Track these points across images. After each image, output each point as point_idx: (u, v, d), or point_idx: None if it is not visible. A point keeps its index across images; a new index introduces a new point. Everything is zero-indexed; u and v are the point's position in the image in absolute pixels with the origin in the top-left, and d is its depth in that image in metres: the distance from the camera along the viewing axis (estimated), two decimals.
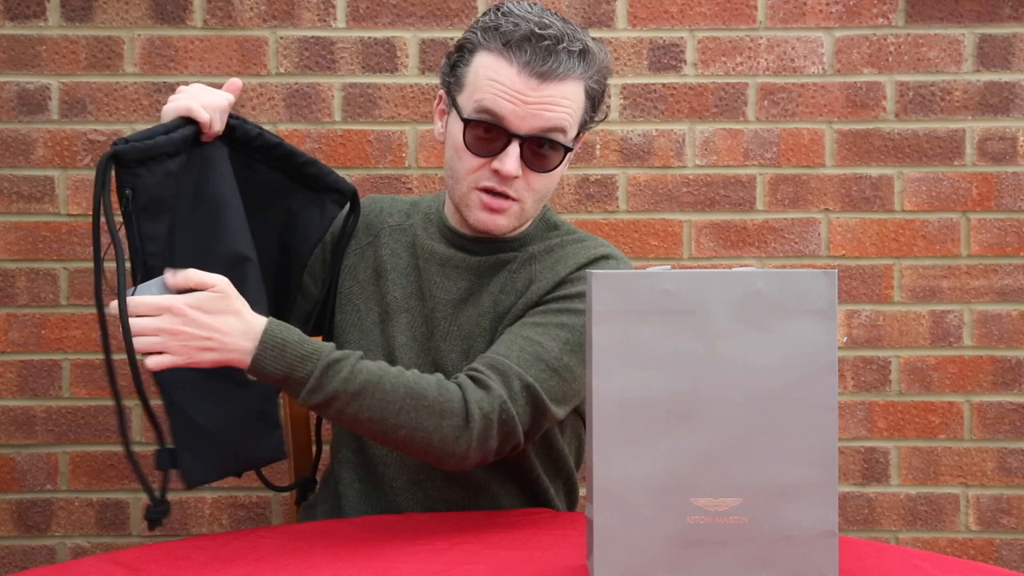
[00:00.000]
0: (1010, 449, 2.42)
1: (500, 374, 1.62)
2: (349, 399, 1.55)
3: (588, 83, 1.71)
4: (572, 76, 1.68)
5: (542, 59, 1.65)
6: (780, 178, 2.41)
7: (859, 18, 2.40)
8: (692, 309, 1.27)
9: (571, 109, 1.70)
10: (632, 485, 1.26)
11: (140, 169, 1.53)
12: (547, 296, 1.73)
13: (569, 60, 1.67)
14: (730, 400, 1.26)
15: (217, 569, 1.39)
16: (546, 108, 1.67)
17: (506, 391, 1.61)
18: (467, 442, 1.59)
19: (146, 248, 1.56)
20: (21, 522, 2.38)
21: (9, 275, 2.36)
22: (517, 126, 1.67)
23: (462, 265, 1.79)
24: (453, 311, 1.76)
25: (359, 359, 1.58)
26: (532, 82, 1.66)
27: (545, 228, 1.84)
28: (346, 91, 2.39)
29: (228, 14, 2.37)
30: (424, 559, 1.42)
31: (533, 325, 1.69)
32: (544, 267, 1.77)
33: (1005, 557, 2.42)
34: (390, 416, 1.57)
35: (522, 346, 1.66)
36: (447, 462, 1.61)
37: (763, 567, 1.26)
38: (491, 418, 1.60)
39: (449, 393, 1.59)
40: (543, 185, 1.73)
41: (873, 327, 2.42)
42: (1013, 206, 2.41)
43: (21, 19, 2.36)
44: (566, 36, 1.67)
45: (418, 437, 1.58)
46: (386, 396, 1.57)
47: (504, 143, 1.67)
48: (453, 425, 1.58)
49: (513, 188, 1.70)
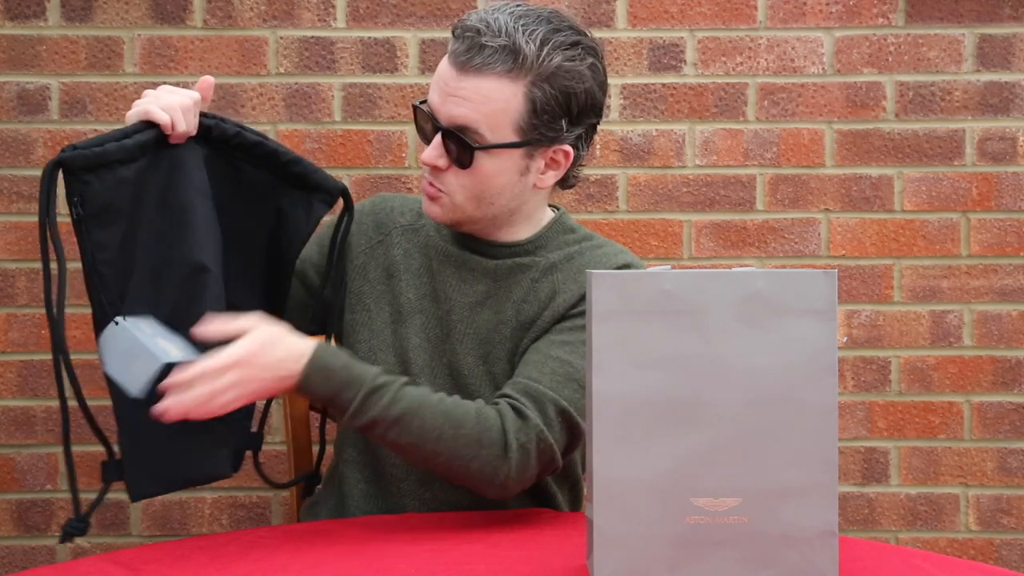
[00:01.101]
0: (1010, 449, 2.42)
1: (535, 401, 1.63)
2: (389, 425, 1.58)
3: (529, 88, 1.65)
4: (492, 72, 1.64)
5: (465, 49, 1.65)
6: (780, 178, 2.41)
7: (859, 18, 2.40)
8: (692, 309, 1.26)
9: (484, 108, 1.65)
10: (632, 485, 1.26)
11: (89, 176, 1.51)
12: (572, 311, 1.73)
13: (492, 55, 1.63)
14: (730, 400, 1.26)
15: (217, 569, 1.39)
16: (458, 102, 1.66)
17: (542, 419, 1.63)
18: (506, 472, 1.61)
19: (96, 257, 1.54)
20: (21, 522, 2.38)
21: (9, 275, 2.36)
22: (440, 115, 1.68)
23: (479, 268, 1.79)
24: (470, 314, 1.76)
25: (403, 385, 1.60)
26: (453, 71, 1.66)
27: (560, 232, 1.82)
28: (346, 91, 2.39)
29: (228, 14, 2.37)
30: (424, 559, 1.42)
31: (561, 344, 1.70)
32: (566, 277, 1.76)
33: (1005, 557, 2.42)
34: (429, 443, 1.59)
35: (553, 368, 1.67)
36: (487, 490, 1.64)
37: (763, 567, 1.26)
38: (528, 448, 1.61)
39: (488, 422, 1.61)
40: (469, 184, 1.70)
41: (873, 327, 2.42)
42: (1013, 206, 2.41)
43: (21, 19, 2.36)
44: (495, 31, 1.63)
45: (456, 465, 1.60)
46: (424, 423, 1.59)
47: (433, 132, 1.70)
48: (492, 455, 1.60)
49: (439, 180, 1.71)
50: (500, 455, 1.60)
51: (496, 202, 1.73)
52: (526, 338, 1.74)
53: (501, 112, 1.66)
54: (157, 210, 1.58)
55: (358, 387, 1.58)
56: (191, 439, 1.58)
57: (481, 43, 1.63)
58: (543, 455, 1.63)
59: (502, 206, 1.75)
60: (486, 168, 1.69)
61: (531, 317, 1.75)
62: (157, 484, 1.60)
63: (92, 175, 1.52)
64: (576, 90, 1.67)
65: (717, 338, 1.26)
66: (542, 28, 1.65)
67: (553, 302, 1.74)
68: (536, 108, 1.66)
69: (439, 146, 1.68)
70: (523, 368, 1.69)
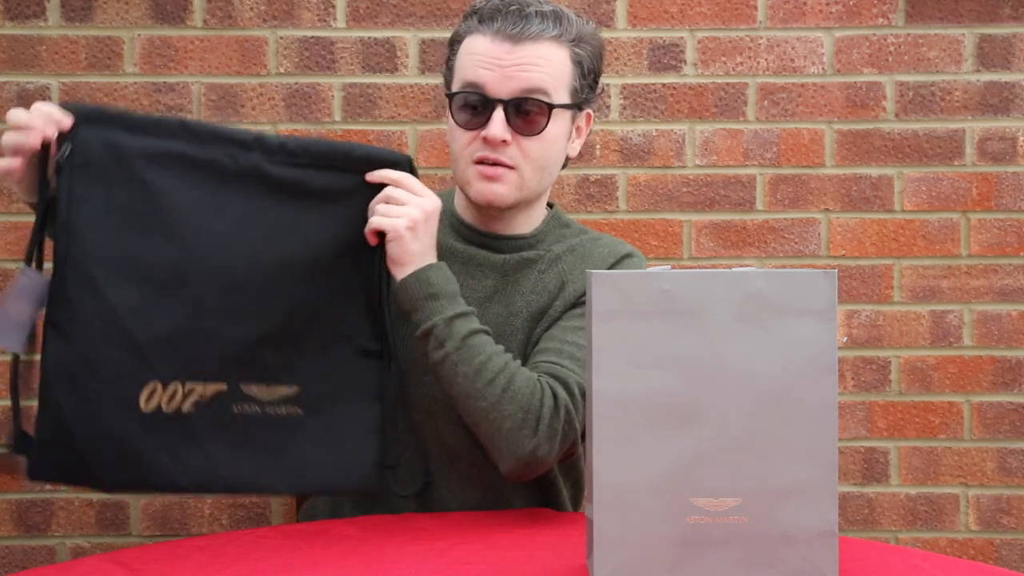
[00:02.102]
0: (1010, 449, 2.42)
1: (562, 383, 1.68)
2: (459, 346, 1.63)
3: (572, 49, 1.75)
4: (546, 37, 1.73)
5: (513, 23, 1.71)
6: (780, 178, 2.41)
7: (859, 18, 2.40)
8: (692, 309, 1.26)
9: (550, 70, 1.73)
10: (632, 485, 1.26)
11: (88, 130, 1.54)
12: (583, 298, 1.77)
13: (542, 22, 1.72)
14: (730, 400, 1.26)
15: (217, 569, 1.39)
16: (523, 69, 1.71)
17: (570, 399, 1.67)
18: (531, 447, 1.64)
19: (72, 209, 1.54)
20: (21, 522, 2.38)
21: (9, 275, 2.36)
22: (497, 91, 1.71)
23: (486, 264, 1.81)
24: (480, 309, 1.77)
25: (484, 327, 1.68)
26: (506, 46, 1.71)
27: (558, 226, 1.88)
28: (346, 91, 2.39)
29: (228, 14, 2.37)
30: (424, 559, 1.42)
31: (575, 330, 1.75)
32: (572, 267, 1.81)
33: (1005, 557, 2.42)
34: (480, 383, 1.63)
35: (571, 353, 1.72)
36: (507, 459, 1.66)
37: (763, 567, 1.26)
38: (556, 428, 1.65)
39: (536, 390, 1.65)
40: (538, 151, 1.75)
41: (873, 327, 2.42)
42: (1013, 206, 2.41)
43: (21, 19, 2.36)
44: (535, 1, 1.74)
45: (493, 417, 1.64)
46: (487, 362, 1.64)
47: (489, 111, 1.72)
48: (527, 420, 1.64)
49: (506, 155, 1.74)
50: (533, 424, 1.64)
51: (552, 172, 1.81)
52: (538, 328, 1.78)
53: (560, 74, 1.75)
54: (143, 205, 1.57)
55: (454, 304, 1.65)
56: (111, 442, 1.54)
57: (528, 13, 1.72)
58: (566, 438, 1.67)
59: (551, 178, 1.83)
60: (552, 132, 1.76)
61: (542, 307, 1.79)
62: (58, 472, 1.57)
63: (92, 129, 1.54)
64: (601, 50, 1.81)
65: (717, 338, 1.26)
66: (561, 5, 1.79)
67: (563, 291, 1.79)
68: (583, 69, 1.77)
69: (503, 120, 1.72)
70: (543, 355, 1.73)
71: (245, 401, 1.58)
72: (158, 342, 1.55)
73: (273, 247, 1.60)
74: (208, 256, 1.58)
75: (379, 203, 1.62)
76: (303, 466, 1.61)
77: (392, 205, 1.62)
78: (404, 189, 1.62)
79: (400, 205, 1.62)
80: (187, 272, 1.57)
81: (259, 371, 1.59)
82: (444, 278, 1.66)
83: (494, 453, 1.67)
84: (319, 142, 1.68)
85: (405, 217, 1.61)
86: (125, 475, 1.56)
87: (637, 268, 1.84)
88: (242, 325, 1.58)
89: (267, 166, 1.61)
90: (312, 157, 1.62)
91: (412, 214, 1.62)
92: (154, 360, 1.55)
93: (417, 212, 1.62)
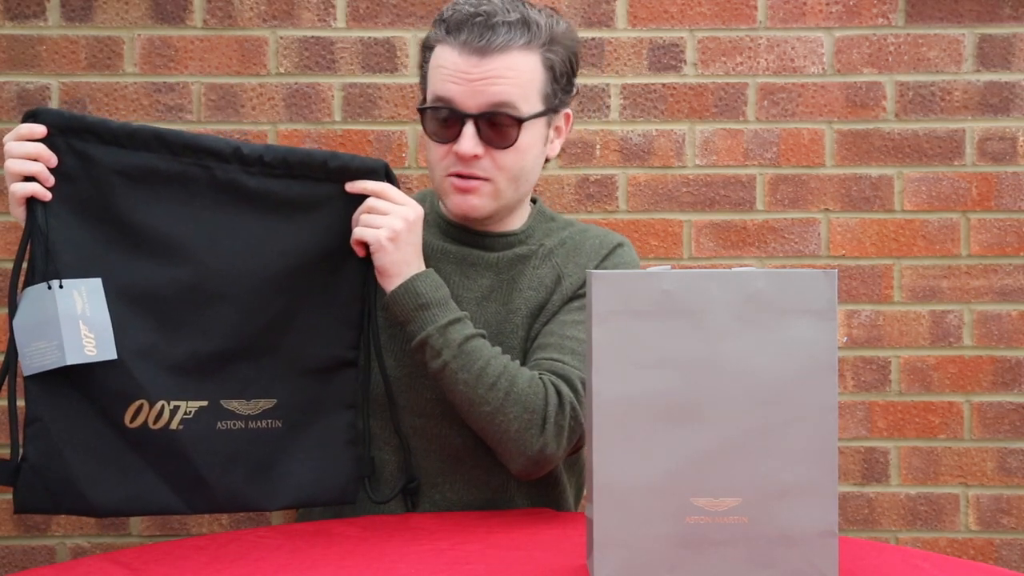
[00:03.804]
0: (1010, 449, 2.42)
1: (565, 380, 1.68)
2: (456, 354, 1.64)
3: (543, 54, 1.73)
4: (514, 46, 1.70)
5: (479, 35, 1.69)
6: (780, 178, 2.41)
7: (859, 18, 2.40)
8: (692, 309, 1.26)
9: (519, 80, 1.71)
10: (632, 485, 1.26)
11: (60, 138, 1.55)
12: (580, 290, 1.79)
13: (509, 31, 1.70)
14: (730, 400, 1.26)
15: (217, 569, 1.39)
16: (491, 82, 1.70)
17: (574, 395, 1.67)
18: (540, 445, 1.65)
19: (49, 219, 1.55)
20: (21, 522, 2.37)
21: (9, 275, 2.36)
22: (466, 105, 1.70)
23: (480, 263, 1.81)
24: (477, 308, 1.78)
25: (479, 332, 1.68)
26: (473, 59, 1.70)
27: (544, 220, 1.88)
28: (346, 91, 2.39)
29: (228, 14, 2.37)
30: (424, 559, 1.42)
31: (573, 324, 1.76)
32: (566, 260, 1.82)
33: (1005, 557, 2.42)
34: (482, 388, 1.64)
35: (572, 347, 1.72)
36: (516, 459, 1.67)
37: (763, 567, 1.26)
38: (562, 424, 1.66)
39: (539, 390, 1.66)
40: (511, 162, 1.74)
41: (873, 327, 2.42)
42: (1013, 206, 2.41)
43: (21, 19, 2.36)
44: (500, 10, 1.70)
45: (499, 421, 1.64)
46: (487, 367, 1.64)
47: (460, 125, 1.71)
48: (532, 420, 1.64)
49: (479, 168, 1.73)
50: (539, 424, 1.64)
51: (529, 179, 1.80)
52: (537, 323, 1.79)
53: (530, 83, 1.72)
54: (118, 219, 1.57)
55: (445, 312, 1.65)
56: (100, 465, 1.54)
57: (495, 23, 1.69)
58: (573, 433, 1.68)
59: (529, 184, 1.82)
60: (525, 142, 1.74)
61: (540, 303, 1.79)
62: (47, 502, 1.55)
63: (64, 138, 1.55)
64: (575, 50, 1.78)
65: (717, 338, 1.26)
66: (530, 4, 1.76)
67: (560, 286, 1.80)
68: (555, 73, 1.75)
69: (474, 135, 1.71)
70: (543, 351, 1.73)
71: (227, 417, 1.60)
72: (140, 359, 1.55)
73: (251, 260, 1.62)
74: (185, 272, 1.59)
75: (361, 214, 1.63)
76: (285, 478, 1.62)
77: (374, 215, 1.62)
78: (384, 199, 1.63)
79: (381, 215, 1.62)
80: (164, 288, 1.58)
81: (238, 385, 1.60)
82: (432, 286, 1.66)
83: (503, 455, 1.68)
84: (298, 151, 1.67)
85: (386, 228, 1.62)
86: (114, 495, 1.56)
87: (628, 256, 1.85)
88: (220, 339, 1.60)
89: (244, 179, 1.62)
90: (289, 167, 1.63)
91: (393, 224, 1.62)
92: (138, 377, 1.55)
93: (398, 222, 1.63)
